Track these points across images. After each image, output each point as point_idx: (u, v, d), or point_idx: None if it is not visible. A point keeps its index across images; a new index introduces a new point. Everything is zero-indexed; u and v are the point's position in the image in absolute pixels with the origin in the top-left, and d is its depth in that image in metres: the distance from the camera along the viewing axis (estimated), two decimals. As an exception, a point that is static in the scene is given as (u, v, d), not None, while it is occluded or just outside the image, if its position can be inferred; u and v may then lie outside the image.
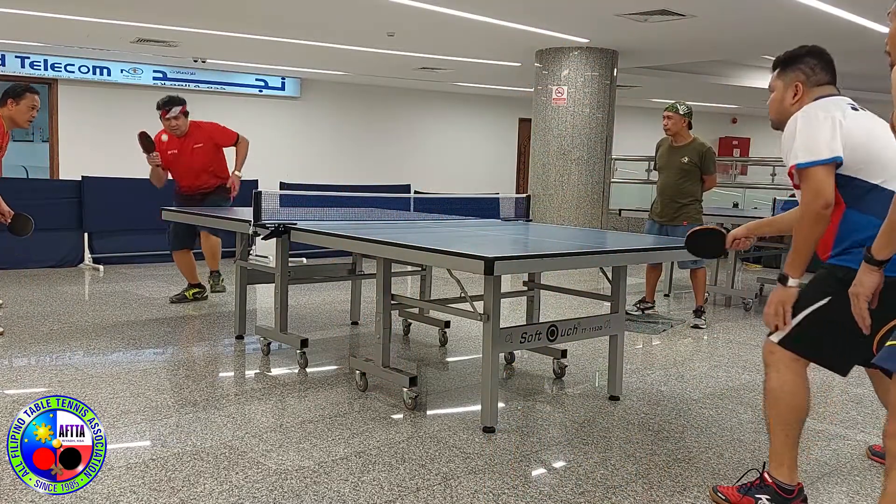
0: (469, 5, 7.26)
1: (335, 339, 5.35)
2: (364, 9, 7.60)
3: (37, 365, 4.43)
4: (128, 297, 6.54)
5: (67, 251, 8.07)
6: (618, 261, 3.87)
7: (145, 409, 3.63)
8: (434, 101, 15.59)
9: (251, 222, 4.35)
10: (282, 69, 12.77)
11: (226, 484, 2.81)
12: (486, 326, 3.40)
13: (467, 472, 3.01)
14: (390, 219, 5.12)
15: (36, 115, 5.27)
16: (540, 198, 9.53)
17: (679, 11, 7.18)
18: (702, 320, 6.02)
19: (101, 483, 2.75)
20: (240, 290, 5.06)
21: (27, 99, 5.13)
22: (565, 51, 9.38)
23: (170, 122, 6.14)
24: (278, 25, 8.62)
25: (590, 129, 9.46)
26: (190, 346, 5.04)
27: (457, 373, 4.66)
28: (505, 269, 3.16)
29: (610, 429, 3.60)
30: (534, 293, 4.66)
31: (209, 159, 6.23)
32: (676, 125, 5.90)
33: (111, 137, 12.16)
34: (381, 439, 3.32)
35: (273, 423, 3.49)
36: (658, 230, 6.04)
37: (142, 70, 12.23)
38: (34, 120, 5.31)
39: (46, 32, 9.46)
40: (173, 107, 6.13)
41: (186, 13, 8.06)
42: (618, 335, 4.01)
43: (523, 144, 16.13)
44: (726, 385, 4.42)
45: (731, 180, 13.01)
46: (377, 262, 3.86)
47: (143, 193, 8.36)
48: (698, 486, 2.94)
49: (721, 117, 19.22)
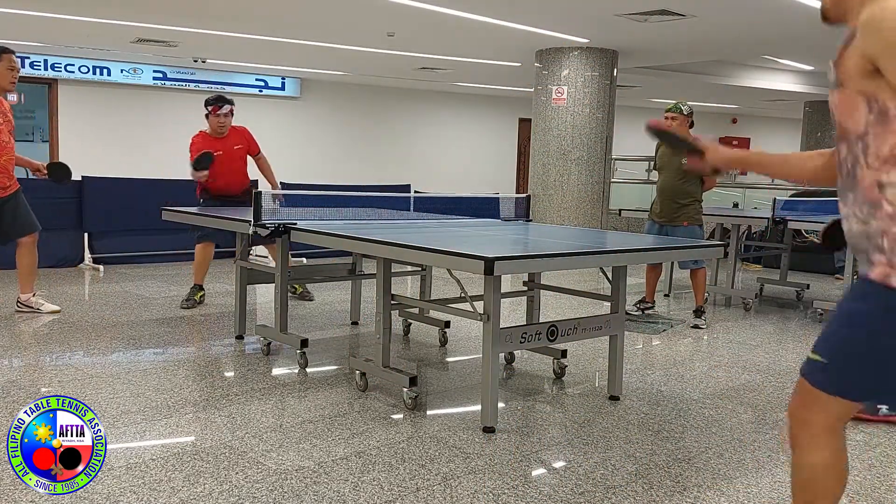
0: (469, 5, 7.26)
1: (335, 339, 5.35)
2: (364, 9, 7.60)
3: (37, 365, 4.43)
4: (128, 297, 6.53)
5: (67, 251, 8.07)
6: (618, 261, 3.86)
7: (145, 409, 3.63)
8: (434, 101, 15.59)
9: (251, 222, 4.35)
10: (282, 69, 12.78)
11: (226, 484, 2.81)
12: (486, 326, 3.40)
13: (467, 472, 3.01)
14: (390, 219, 5.12)
15: (17, 76, 5.32)
16: (540, 198, 9.53)
17: (679, 11, 7.18)
18: (702, 320, 6.02)
19: (101, 483, 2.75)
20: (240, 290, 5.06)
21: (4, 60, 5.19)
22: (565, 51, 9.38)
23: (219, 118, 6.11)
24: (278, 25, 8.63)
25: (590, 129, 9.46)
26: (190, 346, 5.04)
27: (457, 373, 4.66)
28: (505, 269, 3.16)
29: (610, 429, 3.60)
30: (534, 293, 4.66)
31: (245, 161, 6.29)
32: (681, 126, 5.89)
33: (111, 137, 12.19)
34: (381, 439, 3.32)
35: (273, 423, 3.49)
36: (658, 230, 6.04)
37: (142, 70, 12.24)
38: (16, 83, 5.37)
39: (46, 32, 9.47)
40: (225, 104, 6.14)
41: (186, 13, 8.07)
42: (618, 335, 4.01)
43: (523, 144, 16.13)
44: (726, 385, 4.42)
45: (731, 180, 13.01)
46: (377, 262, 3.86)
47: (143, 193, 8.40)
48: (698, 487, 2.94)
49: (721, 117, 19.23)
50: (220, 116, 6.09)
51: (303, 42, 9.59)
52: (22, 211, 5.52)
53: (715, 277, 7.27)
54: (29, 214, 5.56)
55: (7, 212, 5.44)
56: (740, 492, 2.92)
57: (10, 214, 5.46)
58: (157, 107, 12.64)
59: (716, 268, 7.31)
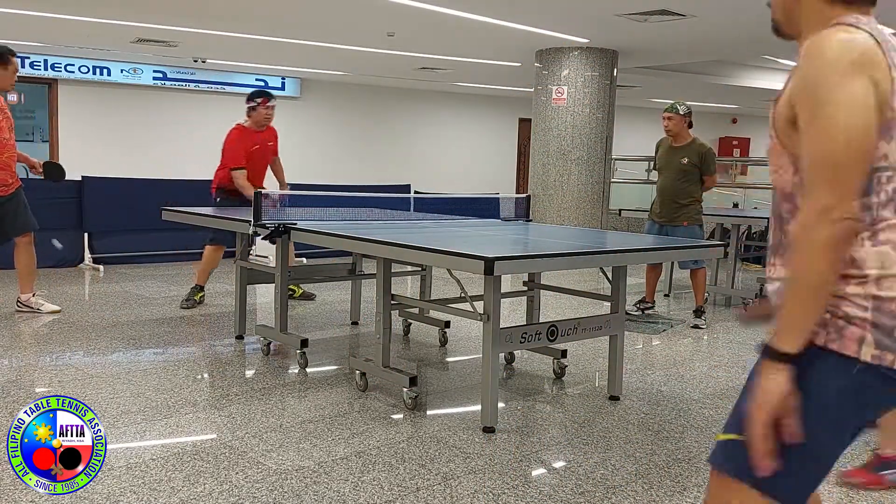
0: (469, 5, 7.26)
1: (335, 339, 5.35)
2: (364, 9, 7.60)
3: (37, 365, 4.43)
4: (128, 297, 6.53)
5: (67, 251, 8.07)
6: (618, 261, 3.86)
7: (145, 409, 3.63)
8: (434, 101, 15.59)
9: (251, 222, 4.35)
10: (282, 69, 12.77)
11: (226, 484, 2.81)
12: (486, 326, 3.40)
13: (467, 472, 3.01)
14: (390, 219, 5.12)
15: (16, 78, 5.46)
16: (540, 198, 9.53)
17: (679, 11, 7.18)
18: (702, 320, 6.02)
19: (101, 483, 2.75)
20: (240, 290, 5.06)
21: (13, 64, 5.37)
22: (565, 51, 9.38)
23: (269, 110, 6.08)
24: (278, 25, 8.63)
25: (590, 129, 9.46)
26: (190, 346, 5.04)
27: (457, 373, 4.66)
28: (505, 269, 3.16)
29: (610, 429, 3.60)
30: (534, 293, 4.66)
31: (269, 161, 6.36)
32: (677, 125, 5.89)
33: (111, 137, 12.18)
34: (381, 439, 3.32)
35: (273, 423, 3.49)
36: (658, 230, 6.04)
37: (142, 70, 12.24)
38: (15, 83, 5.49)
39: (46, 32, 9.47)
40: (272, 98, 6.16)
41: (186, 13, 8.06)
42: (618, 335, 4.01)
43: (523, 144, 16.13)
44: (726, 385, 4.42)
45: (731, 180, 13.02)
46: (377, 262, 3.86)
47: (143, 193, 8.40)
48: (698, 486, 2.94)
49: (721, 117, 19.23)
50: (270, 109, 6.09)
51: (303, 42, 9.59)
52: (22, 209, 5.52)
53: (715, 277, 7.27)
54: (28, 213, 5.56)
55: (9, 210, 5.44)
56: (740, 492, 2.92)
57: (12, 213, 5.46)
58: (157, 107, 12.63)
59: (716, 268, 7.31)
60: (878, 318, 1.45)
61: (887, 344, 1.44)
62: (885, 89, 1.42)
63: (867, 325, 1.45)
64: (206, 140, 12.86)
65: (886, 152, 1.45)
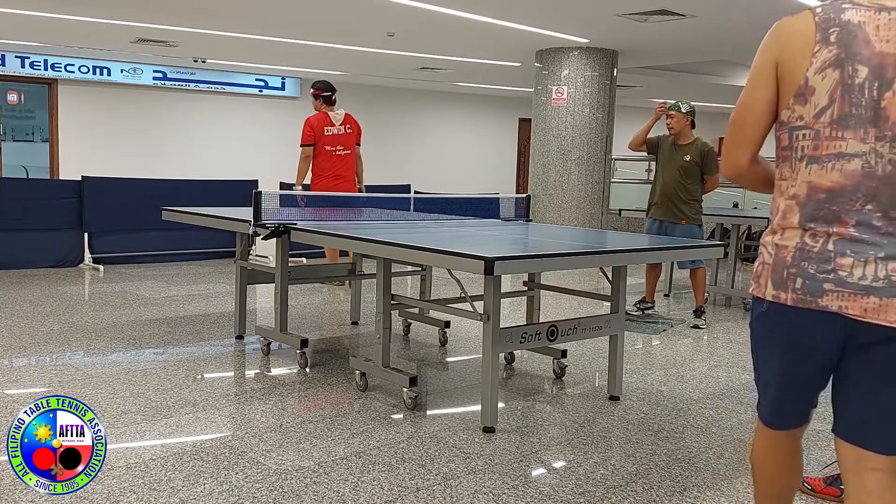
0: (469, 5, 7.26)
1: (335, 339, 5.35)
2: (364, 9, 7.60)
3: (37, 365, 4.43)
4: (128, 297, 6.53)
5: (67, 251, 8.07)
6: (618, 261, 3.87)
7: (145, 409, 3.63)
8: (434, 101, 15.58)
9: (251, 222, 4.35)
10: (282, 69, 12.77)
11: (226, 484, 2.81)
12: (486, 326, 3.40)
13: (467, 472, 3.01)
14: (390, 219, 5.12)
15: None
16: (540, 198, 9.53)
17: (679, 11, 7.18)
18: (702, 320, 6.02)
19: (101, 483, 2.75)
20: (240, 290, 5.06)
21: None
22: (565, 51, 9.37)
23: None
24: (278, 25, 8.62)
25: (590, 129, 9.45)
26: (190, 346, 5.04)
27: (457, 373, 4.66)
28: (505, 269, 3.16)
29: (610, 429, 3.60)
30: (534, 293, 4.66)
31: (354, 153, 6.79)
32: (679, 124, 5.89)
33: (111, 137, 12.17)
34: (381, 439, 3.32)
35: (273, 423, 3.49)
36: (657, 228, 6.03)
37: (142, 70, 12.23)
38: None
39: (46, 32, 9.46)
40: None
41: (186, 13, 8.06)
42: (618, 335, 4.01)
43: (523, 144, 16.13)
44: (726, 385, 4.42)
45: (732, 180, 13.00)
46: (377, 262, 3.86)
47: (143, 193, 8.40)
48: (698, 486, 2.94)
49: (721, 117, 19.22)
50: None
51: (303, 42, 9.58)
52: None
53: (715, 277, 7.27)
54: None
55: None
56: (740, 492, 2.92)
57: None
58: (157, 107, 12.63)
59: (716, 268, 7.31)
60: (776, 264, 1.79)
61: (780, 284, 1.78)
62: (797, 64, 1.72)
63: (768, 270, 1.81)
64: (206, 140, 12.89)
65: (802, 114, 1.74)
